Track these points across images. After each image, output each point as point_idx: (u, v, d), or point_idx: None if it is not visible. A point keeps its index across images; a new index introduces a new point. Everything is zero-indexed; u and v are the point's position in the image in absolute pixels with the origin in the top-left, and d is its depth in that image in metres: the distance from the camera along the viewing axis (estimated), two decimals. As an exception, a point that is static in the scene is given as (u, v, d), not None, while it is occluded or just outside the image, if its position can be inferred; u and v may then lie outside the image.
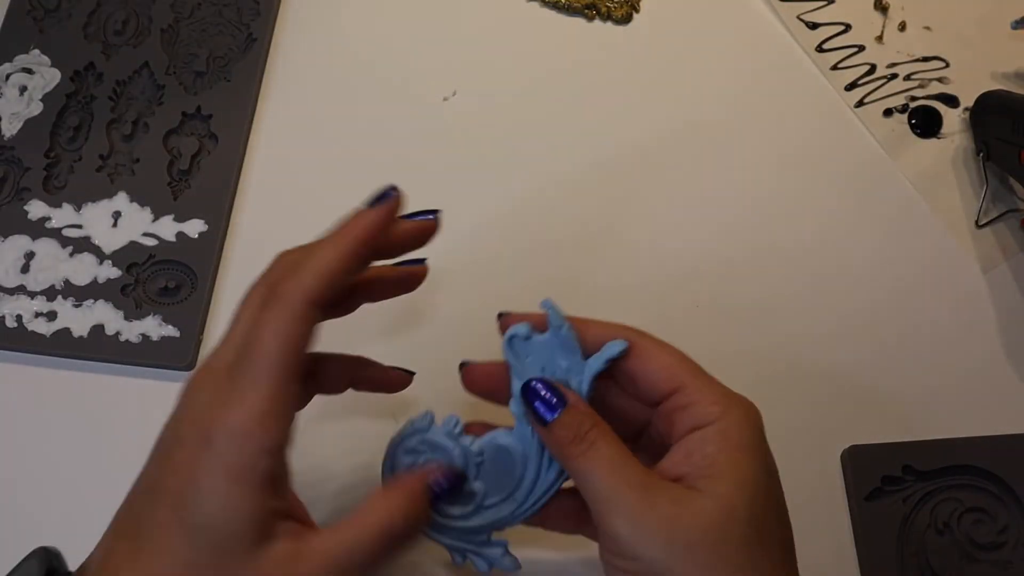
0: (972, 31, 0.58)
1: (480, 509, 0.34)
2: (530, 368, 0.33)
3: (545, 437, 0.32)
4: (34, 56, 0.55)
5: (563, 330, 0.33)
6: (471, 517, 0.34)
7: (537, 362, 0.33)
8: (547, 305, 0.33)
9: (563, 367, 0.33)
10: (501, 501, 0.34)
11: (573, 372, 0.33)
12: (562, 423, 0.32)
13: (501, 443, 0.34)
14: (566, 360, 0.33)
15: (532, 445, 0.34)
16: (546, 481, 0.34)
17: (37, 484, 0.47)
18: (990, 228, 0.53)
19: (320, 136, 0.54)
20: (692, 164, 0.54)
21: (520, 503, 0.34)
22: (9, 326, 0.48)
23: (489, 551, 0.35)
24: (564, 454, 0.32)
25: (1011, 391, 0.50)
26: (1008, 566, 0.45)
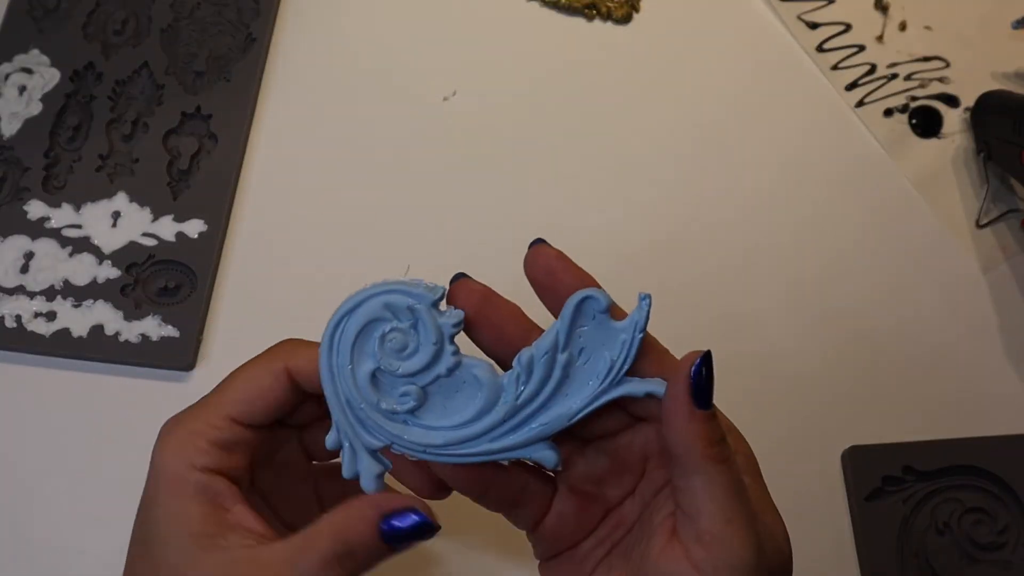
0: (973, 31, 0.58)
1: (406, 419, 0.30)
2: (577, 339, 0.29)
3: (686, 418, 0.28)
4: (33, 56, 0.55)
5: (640, 334, 0.29)
6: (390, 418, 0.30)
7: (584, 340, 0.29)
8: (644, 301, 0.30)
9: (605, 362, 0.29)
10: (430, 427, 0.30)
11: (609, 374, 0.29)
12: (715, 419, 0.28)
13: (476, 373, 0.29)
14: (613, 357, 0.29)
15: (506, 401, 0.29)
16: (487, 445, 0.29)
17: (37, 484, 0.47)
18: (990, 228, 0.53)
19: (320, 136, 0.54)
20: (692, 164, 0.54)
21: (446, 443, 0.29)
22: (8, 326, 0.48)
23: (367, 460, 0.30)
24: (702, 452, 0.28)
25: (1011, 391, 0.50)
26: (1008, 566, 0.45)
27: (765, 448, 0.48)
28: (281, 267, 0.51)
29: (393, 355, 0.29)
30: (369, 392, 0.30)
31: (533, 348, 0.29)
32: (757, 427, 0.49)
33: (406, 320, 0.29)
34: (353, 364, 0.30)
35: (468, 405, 0.30)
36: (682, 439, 0.28)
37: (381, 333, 0.29)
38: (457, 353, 0.30)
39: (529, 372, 0.29)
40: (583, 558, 0.32)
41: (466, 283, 0.31)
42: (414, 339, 0.29)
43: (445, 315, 0.30)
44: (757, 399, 0.49)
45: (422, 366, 0.29)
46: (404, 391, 0.30)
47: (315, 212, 0.53)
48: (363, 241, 0.52)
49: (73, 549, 0.45)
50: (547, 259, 0.31)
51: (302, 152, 0.54)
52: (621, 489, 0.32)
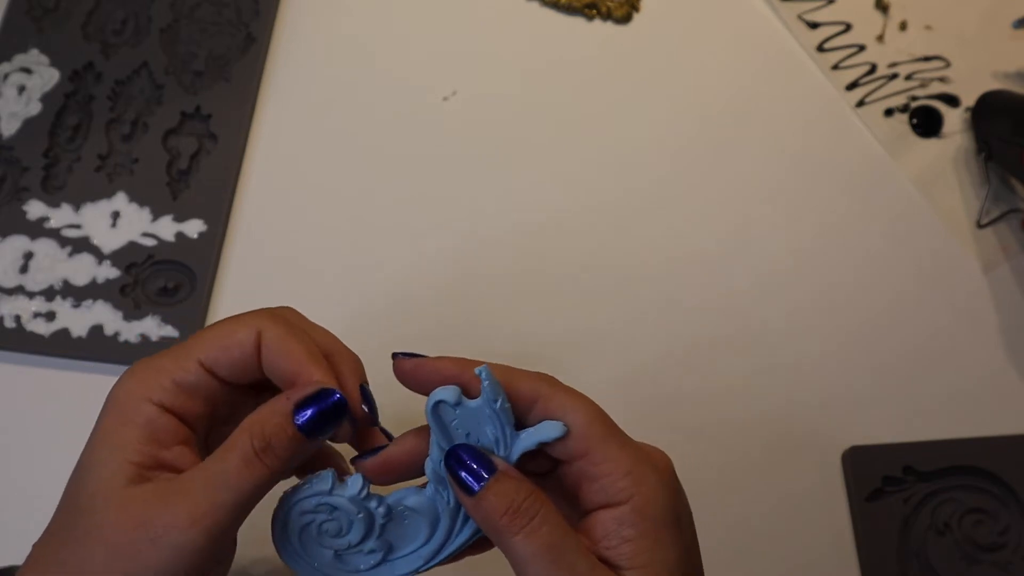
0: (973, 30, 0.58)
1: (387, 562, 0.33)
2: (455, 434, 0.31)
3: (472, 509, 0.30)
4: (33, 56, 0.55)
5: (499, 403, 0.31)
6: (376, 571, 0.33)
7: (463, 427, 0.31)
8: (484, 375, 0.30)
9: (490, 437, 0.31)
10: (408, 554, 0.33)
11: (500, 444, 0.31)
12: (494, 491, 0.29)
13: (410, 504, 0.32)
14: (494, 430, 0.31)
15: (444, 506, 0.32)
16: (458, 540, 0.32)
17: (36, 485, 0.46)
18: (991, 228, 0.53)
19: (320, 136, 0.54)
20: (692, 163, 0.54)
21: (428, 558, 0.33)
22: (8, 326, 0.48)
23: None
24: (497, 528, 0.29)
25: (1011, 391, 0.50)
26: (1009, 567, 0.45)
27: (765, 448, 0.49)
28: (281, 267, 0.51)
29: (337, 537, 0.32)
30: (346, 568, 0.33)
31: (430, 461, 0.32)
32: (758, 427, 0.49)
33: (324, 512, 0.32)
34: (318, 562, 0.33)
35: (421, 526, 0.33)
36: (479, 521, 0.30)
37: (316, 530, 0.32)
38: (381, 502, 0.32)
39: (441, 481, 0.32)
40: None
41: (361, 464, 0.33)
42: (344, 518, 0.32)
43: (348, 488, 0.32)
44: (757, 399, 0.49)
45: (364, 532, 0.32)
46: (369, 550, 0.33)
47: (315, 212, 0.53)
48: (363, 240, 0.52)
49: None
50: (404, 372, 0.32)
51: (302, 152, 0.54)
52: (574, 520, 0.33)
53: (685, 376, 0.49)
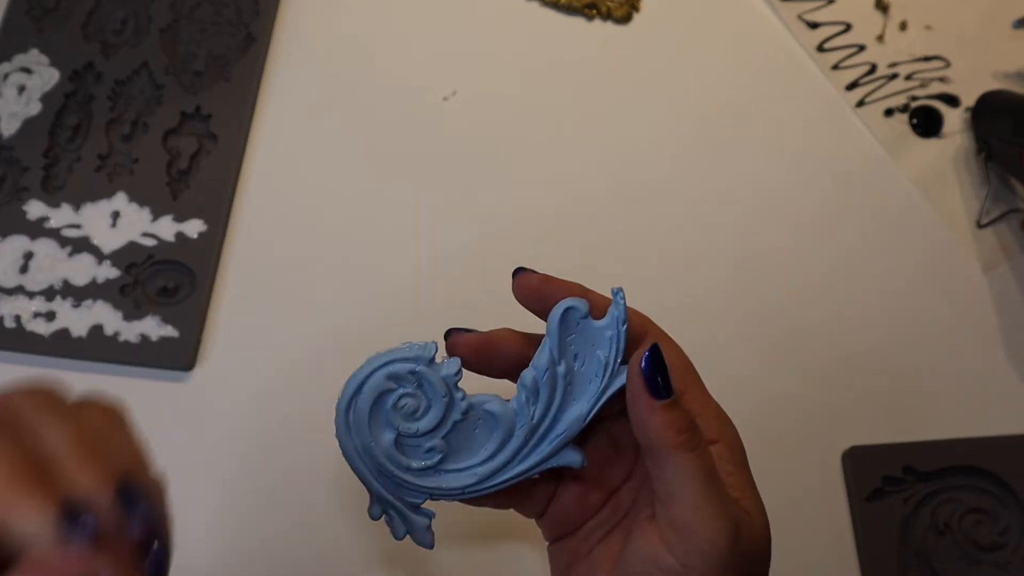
0: (973, 30, 0.58)
1: (438, 470, 0.31)
2: (569, 348, 0.31)
3: (650, 415, 0.29)
4: (33, 56, 0.55)
5: (624, 326, 0.31)
6: (423, 475, 0.31)
7: (576, 346, 0.31)
8: (619, 295, 0.31)
9: (600, 360, 0.31)
10: (461, 469, 0.31)
11: (608, 370, 0.31)
12: (678, 407, 0.29)
13: (489, 409, 0.31)
14: (606, 353, 0.31)
15: (525, 422, 0.31)
16: (517, 468, 0.31)
17: (36, 485, 0.47)
18: (991, 228, 0.53)
19: (320, 136, 0.54)
20: (692, 163, 0.54)
21: (480, 479, 0.31)
22: (8, 327, 0.48)
23: (415, 518, 0.32)
24: (669, 442, 0.29)
25: (1011, 391, 0.50)
26: (1009, 567, 0.45)
27: (765, 448, 0.48)
28: (281, 267, 0.51)
29: (409, 419, 0.31)
30: (398, 458, 0.31)
31: (533, 368, 0.31)
32: (758, 427, 0.49)
33: (411, 384, 0.31)
34: (374, 439, 0.31)
35: (489, 439, 0.31)
36: (647, 431, 0.29)
37: (392, 403, 0.31)
38: (466, 396, 0.31)
39: (535, 392, 0.31)
40: (585, 538, 0.33)
41: (458, 338, 0.32)
42: (424, 399, 0.31)
43: (445, 367, 0.31)
44: (757, 399, 0.49)
45: (438, 420, 0.31)
46: (429, 447, 0.31)
47: (315, 212, 0.53)
48: (363, 241, 0.52)
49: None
50: (530, 285, 0.32)
51: (302, 152, 0.54)
52: (619, 473, 0.33)
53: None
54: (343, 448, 0.31)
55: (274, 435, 0.48)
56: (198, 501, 0.46)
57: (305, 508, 0.46)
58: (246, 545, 0.46)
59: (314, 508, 0.46)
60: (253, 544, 0.46)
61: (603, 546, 0.33)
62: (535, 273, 0.32)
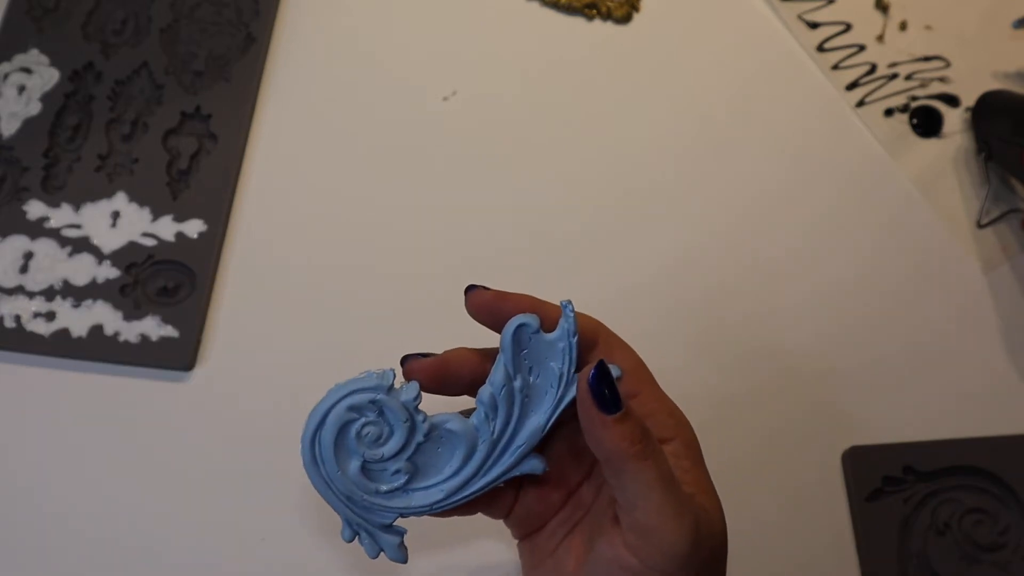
0: (973, 30, 0.58)
1: (405, 491, 0.32)
2: (524, 362, 0.32)
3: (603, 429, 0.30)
4: (33, 56, 0.55)
5: (575, 338, 0.32)
6: (391, 496, 0.32)
7: (530, 359, 0.32)
8: (570, 308, 0.32)
9: (554, 372, 0.32)
10: (428, 487, 0.32)
11: (563, 380, 0.32)
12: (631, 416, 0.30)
13: (451, 428, 0.32)
14: (560, 365, 0.32)
15: (487, 437, 0.32)
16: (482, 481, 0.32)
17: (36, 485, 0.47)
18: (991, 228, 0.53)
19: (320, 136, 0.54)
20: (692, 163, 0.54)
21: (448, 494, 0.32)
22: (8, 326, 0.48)
23: (386, 537, 0.33)
24: (625, 453, 0.30)
25: (1011, 391, 0.50)
26: (1009, 567, 0.45)
27: (766, 448, 0.48)
28: (281, 267, 0.51)
29: (373, 445, 0.32)
30: (365, 483, 0.32)
31: (489, 385, 0.32)
32: (758, 427, 0.49)
33: (372, 412, 0.31)
34: (341, 467, 0.32)
35: (453, 455, 0.32)
36: (602, 445, 0.30)
37: (355, 432, 0.31)
38: (427, 418, 0.32)
39: (494, 408, 0.32)
40: (550, 535, 0.34)
41: (415, 363, 0.33)
42: (386, 425, 0.31)
43: (404, 392, 0.32)
44: (757, 399, 0.49)
45: (402, 444, 0.32)
46: (395, 469, 0.32)
47: (315, 212, 0.53)
48: (363, 240, 0.52)
49: (72, 548, 0.45)
50: (482, 302, 0.33)
51: (302, 152, 0.54)
52: (578, 473, 0.35)
53: (685, 375, 0.49)
54: (311, 479, 0.32)
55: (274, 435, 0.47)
56: (198, 501, 0.46)
57: (305, 507, 0.46)
58: (246, 544, 0.46)
59: (314, 507, 0.46)
60: (254, 543, 0.46)
61: (567, 542, 0.34)
62: (487, 290, 0.33)
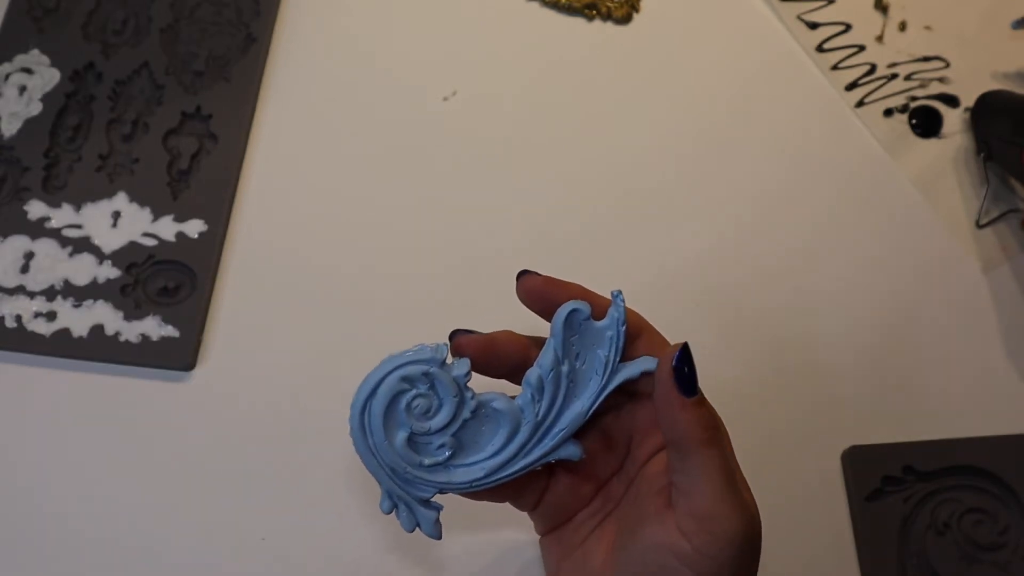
0: (973, 31, 0.58)
1: (447, 466, 0.33)
2: (572, 348, 0.33)
3: (681, 411, 0.31)
4: (33, 56, 0.55)
5: (623, 327, 0.33)
6: (433, 471, 0.33)
7: (577, 345, 0.33)
8: (618, 297, 0.33)
9: (600, 359, 0.33)
10: (469, 464, 0.33)
11: (607, 368, 0.33)
12: (704, 404, 0.31)
13: (497, 407, 0.33)
14: (606, 353, 0.33)
15: (531, 418, 0.33)
16: (522, 462, 0.33)
17: (36, 485, 0.47)
18: (991, 228, 0.53)
19: (320, 136, 0.54)
20: (692, 164, 0.54)
21: (488, 473, 0.33)
22: (8, 326, 0.48)
23: (423, 511, 0.33)
24: (696, 437, 0.30)
25: (1011, 391, 0.50)
26: (1009, 567, 0.45)
27: (765, 448, 0.49)
28: (281, 267, 0.51)
29: (421, 418, 0.32)
30: (410, 455, 0.32)
31: (538, 367, 0.33)
32: (758, 427, 0.49)
33: (424, 385, 0.32)
34: (388, 438, 0.32)
35: (496, 434, 0.33)
36: (676, 427, 0.31)
37: (405, 403, 0.32)
38: (474, 396, 0.33)
39: (540, 390, 0.33)
40: (576, 529, 0.35)
41: (463, 340, 0.33)
42: (435, 399, 0.32)
43: (455, 367, 0.32)
44: (757, 399, 0.49)
45: (449, 419, 0.32)
46: (440, 444, 0.32)
47: (315, 212, 0.53)
48: (363, 240, 0.52)
49: (72, 547, 0.45)
50: (534, 287, 0.34)
51: (302, 152, 0.54)
52: (609, 466, 0.35)
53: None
54: (357, 447, 0.32)
55: (274, 435, 0.48)
56: (198, 500, 0.46)
57: (306, 507, 0.46)
58: (247, 544, 0.46)
59: (315, 507, 0.46)
60: (254, 542, 0.46)
61: (596, 535, 0.34)
62: (538, 275, 0.34)
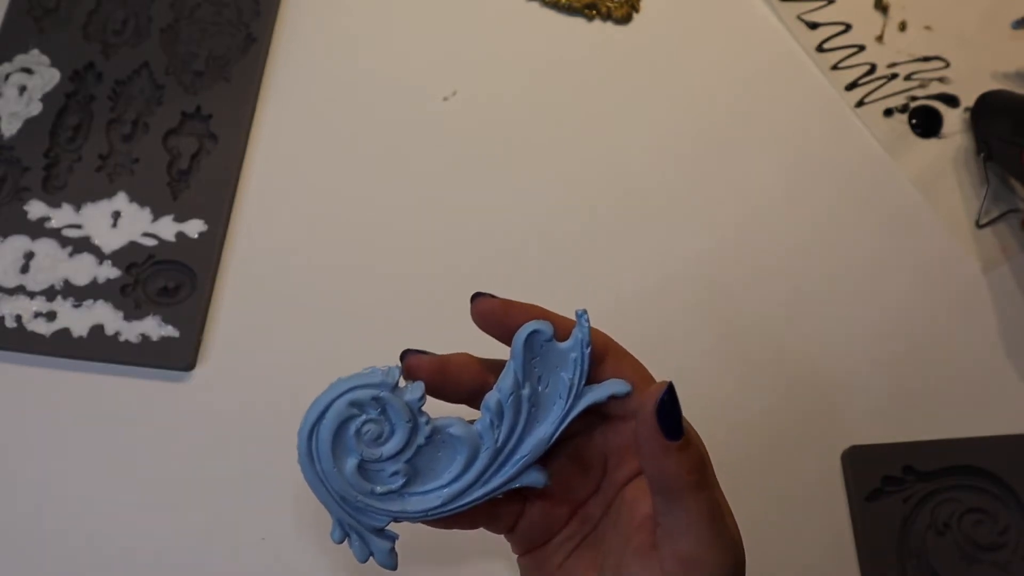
0: (972, 31, 0.58)
1: (401, 494, 0.31)
2: (533, 370, 0.31)
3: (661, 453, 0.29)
4: (33, 56, 0.55)
5: (587, 348, 0.31)
6: (386, 499, 0.31)
7: (539, 368, 0.31)
8: (583, 317, 0.31)
9: (564, 382, 0.31)
10: (425, 492, 0.31)
11: (572, 391, 0.31)
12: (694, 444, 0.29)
13: (453, 432, 0.31)
14: (570, 376, 0.31)
15: (490, 444, 0.31)
16: (481, 490, 0.31)
17: (36, 485, 0.47)
18: (991, 228, 0.53)
19: (320, 136, 0.54)
20: (692, 164, 0.54)
21: (445, 501, 0.31)
22: (8, 326, 0.48)
23: (377, 541, 0.31)
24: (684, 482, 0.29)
25: (1011, 391, 0.50)
26: (1009, 567, 0.45)
27: (765, 448, 0.49)
28: (281, 267, 0.51)
29: (372, 444, 0.31)
30: (360, 483, 0.31)
31: (498, 392, 0.31)
32: (758, 428, 0.49)
33: (374, 410, 0.30)
34: (337, 464, 0.30)
35: (453, 461, 0.31)
36: (662, 473, 0.29)
37: (355, 429, 0.30)
38: (430, 420, 0.31)
39: (500, 415, 0.31)
40: (554, 551, 0.33)
41: (415, 359, 0.32)
42: (387, 424, 0.30)
43: (408, 391, 0.31)
44: (757, 399, 0.49)
45: (402, 445, 0.31)
46: (393, 471, 0.31)
47: (315, 212, 0.53)
48: (363, 240, 0.52)
49: (72, 547, 0.45)
50: (490, 310, 0.32)
51: (302, 152, 0.54)
52: (585, 488, 0.33)
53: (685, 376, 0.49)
54: (305, 474, 0.31)
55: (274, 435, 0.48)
56: (198, 500, 0.46)
57: (306, 507, 0.46)
58: (246, 544, 0.46)
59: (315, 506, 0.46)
60: (254, 543, 0.46)
61: (575, 559, 0.33)
62: (494, 298, 0.32)
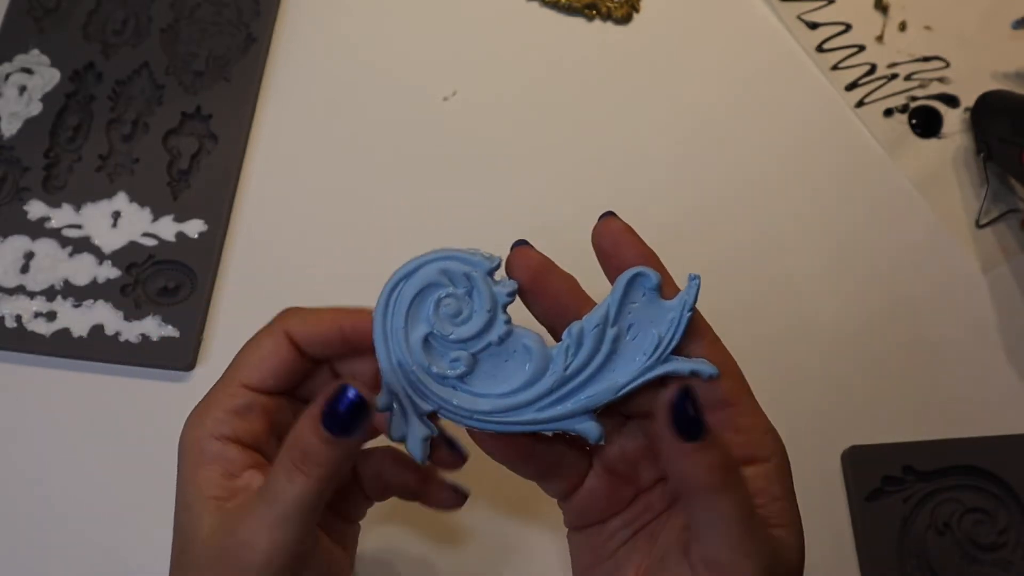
0: (972, 31, 0.58)
1: (455, 385, 0.30)
2: (627, 315, 0.30)
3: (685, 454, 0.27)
4: (33, 56, 0.55)
5: (689, 313, 0.30)
6: (439, 381, 0.30)
7: (634, 317, 0.30)
8: (694, 281, 0.30)
9: (652, 339, 0.29)
10: (478, 394, 0.30)
11: (657, 352, 0.29)
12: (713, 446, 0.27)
13: (527, 343, 0.30)
14: (662, 333, 0.29)
15: (559, 368, 0.29)
16: (532, 415, 0.30)
17: (36, 485, 0.47)
18: (990, 228, 0.53)
19: (320, 136, 0.54)
20: (692, 164, 0.54)
21: (492, 410, 0.30)
22: (8, 326, 0.48)
23: (416, 424, 0.31)
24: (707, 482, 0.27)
25: (1011, 391, 0.50)
26: (1009, 567, 0.45)
27: (765, 448, 0.49)
28: (281, 267, 0.51)
29: (447, 320, 0.30)
30: (421, 356, 0.30)
31: (584, 320, 0.30)
32: (757, 427, 0.49)
33: (462, 287, 0.30)
34: (407, 327, 0.30)
35: (517, 374, 0.30)
36: (679, 473, 0.28)
37: (436, 298, 0.30)
38: (509, 322, 0.30)
39: (579, 344, 0.30)
40: (610, 535, 0.32)
41: (524, 251, 0.31)
42: (468, 306, 0.30)
43: (500, 284, 0.30)
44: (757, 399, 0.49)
45: (474, 333, 0.30)
46: (455, 356, 0.30)
47: (315, 212, 0.53)
48: (363, 241, 0.52)
49: (72, 548, 0.45)
50: (614, 231, 0.31)
51: (302, 152, 0.54)
52: (653, 473, 0.32)
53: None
54: (374, 326, 0.30)
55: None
56: (198, 501, 0.46)
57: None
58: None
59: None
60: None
61: (628, 548, 0.32)
62: (623, 221, 0.32)
